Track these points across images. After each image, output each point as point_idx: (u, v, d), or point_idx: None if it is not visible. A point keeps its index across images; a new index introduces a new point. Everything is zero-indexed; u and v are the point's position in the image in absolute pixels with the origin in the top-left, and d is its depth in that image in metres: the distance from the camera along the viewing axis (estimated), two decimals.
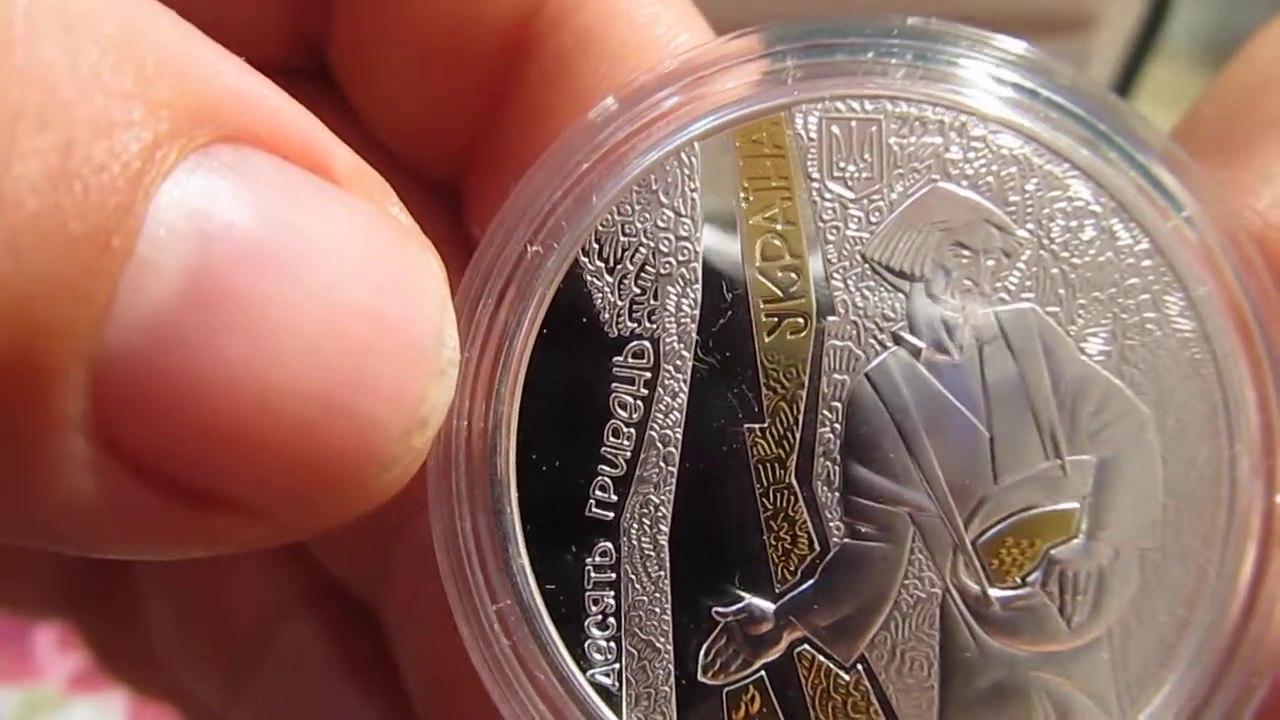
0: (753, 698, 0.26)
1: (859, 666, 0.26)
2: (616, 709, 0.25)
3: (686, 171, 0.27)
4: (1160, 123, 0.35)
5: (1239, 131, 0.30)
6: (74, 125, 0.19)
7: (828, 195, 0.27)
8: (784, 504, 0.26)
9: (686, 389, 0.26)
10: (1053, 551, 0.27)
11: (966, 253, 0.27)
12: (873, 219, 0.27)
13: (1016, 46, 0.28)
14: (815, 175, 0.27)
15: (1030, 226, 0.27)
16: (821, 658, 0.26)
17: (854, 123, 0.27)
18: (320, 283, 0.21)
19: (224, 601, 0.38)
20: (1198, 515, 0.27)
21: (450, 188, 0.34)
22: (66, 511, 0.20)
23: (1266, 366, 0.27)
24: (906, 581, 0.26)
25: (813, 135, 0.27)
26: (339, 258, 0.22)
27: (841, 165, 0.27)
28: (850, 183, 0.27)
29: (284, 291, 0.21)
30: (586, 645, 0.25)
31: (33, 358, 0.19)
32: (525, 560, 0.25)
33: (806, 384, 0.26)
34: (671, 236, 0.26)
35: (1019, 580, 0.26)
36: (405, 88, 0.32)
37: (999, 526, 0.27)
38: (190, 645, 0.38)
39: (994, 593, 0.26)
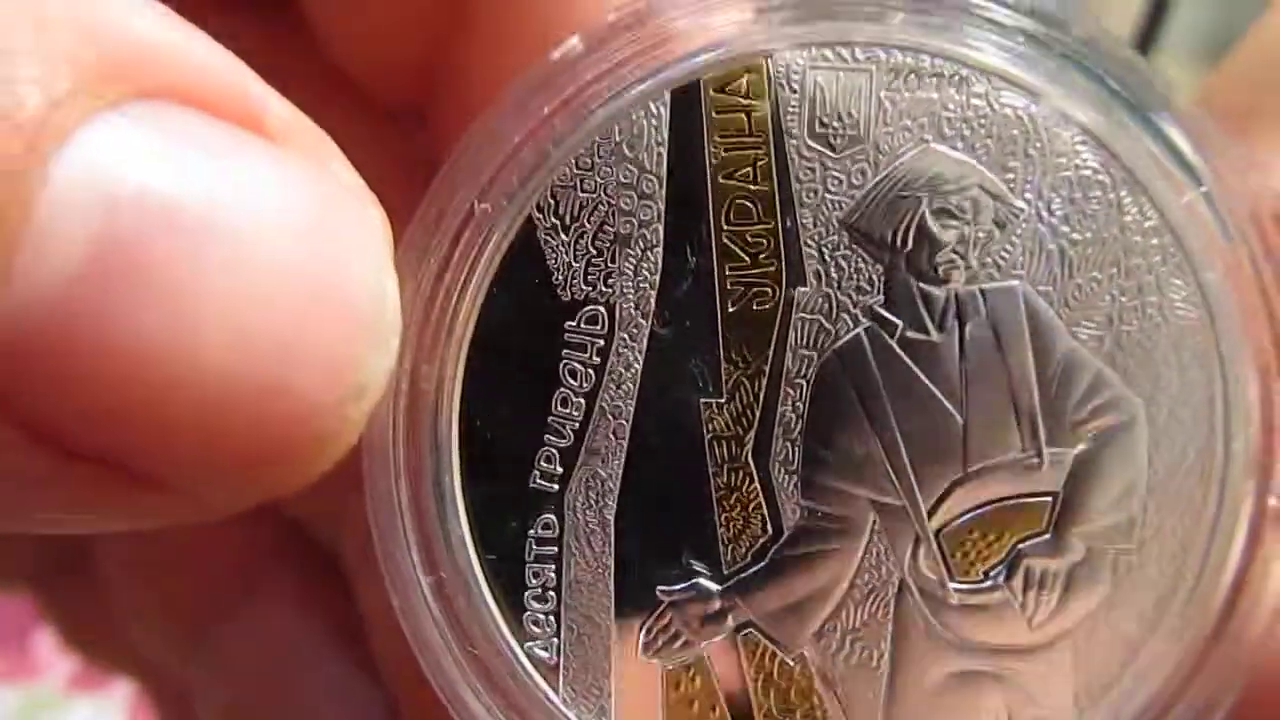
0: (693, 677, 0.25)
1: (805, 653, 0.25)
2: (553, 683, 0.25)
3: (654, 123, 0.24)
4: None
5: (1252, 109, 0.27)
6: None
7: (807, 153, 0.25)
8: (738, 484, 0.25)
9: (641, 359, 0.25)
10: (1020, 546, 0.25)
11: (955, 223, 0.25)
12: (855, 181, 0.25)
13: None
14: (795, 131, 0.25)
15: (1029, 196, 0.25)
16: (766, 642, 0.25)
17: (841, 73, 0.25)
18: (243, 247, 0.20)
19: (187, 557, 0.37)
20: (1181, 516, 0.25)
21: (414, 113, 0.32)
22: None
23: (1274, 362, 0.25)
24: (862, 569, 0.25)
25: (795, 86, 0.25)
26: (266, 219, 0.20)
27: (825, 120, 0.25)
28: (833, 140, 0.25)
29: (201, 258, 0.19)
30: (525, 618, 0.25)
31: None
32: (465, 530, 0.25)
33: (770, 359, 0.25)
34: (634, 194, 0.25)
35: (982, 574, 0.25)
36: (364, 7, 0.29)
37: (965, 517, 0.25)
38: (152, 604, 0.38)
39: (953, 585, 0.25)
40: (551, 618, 0.25)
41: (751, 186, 0.25)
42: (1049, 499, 0.25)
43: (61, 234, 0.18)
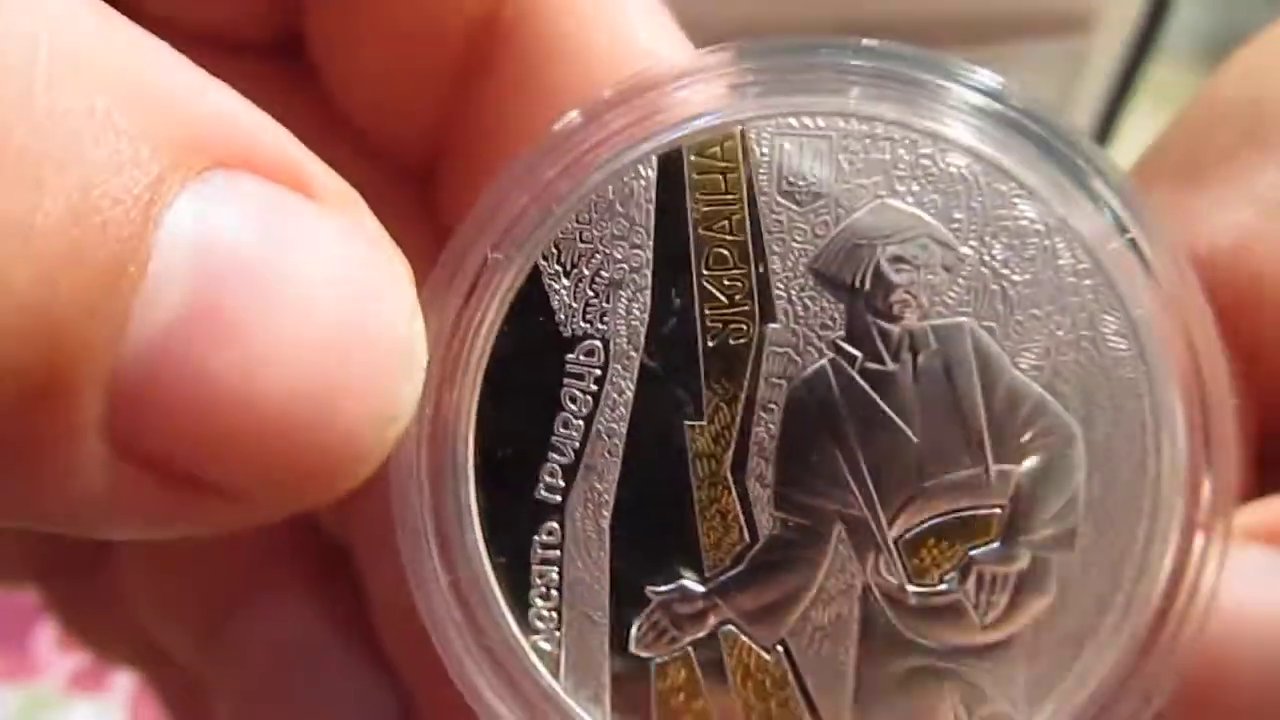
0: (679, 670, 0.28)
1: (779, 648, 0.28)
2: (554, 672, 0.28)
3: (643, 184, 0.28)
4: (1159, 122, 0.35)
5: (1196, 159, 0.30)
6: (92, 166, 0.21)
7: (776, 209, 0.28)
8: (718, 497, 0.28)
9: (633, 387, 0.28)
10: (972, 553, 0.28)
11: (907, 267, 0.28)
12: (818, 232, 0.28)
13: (970, 69, 0.28)
14: (765, 189, 0.28)
15: (973, 243, 0.28)
16: (745, 638, 0.28)
17: (805, 139, 0.28)
18: (301, 298, 0.23)
19: (206, 548, 0.40)
20: (1117, 527, 0.28)
21: (422, 169, 0.36)
22: (77, 501, 0.23)
23: (1196, 392, 0.28)
24: (830, 574, 0.28)
25: (765, 150, 0.28)
26: (319, 274, 0.24)
27: (791, 180, 0.28)
28: (799, 197, 0.28)
29: (270, 310, 0.23)
30: (530, 614, 0.28)
31: (62, 375, 0.21)
32: (478, 536, 0.28)
33: (746, 387, 0.28)
34: (626, 245, 0.28)
35: (937, 579, 0.28)
36: (375, 68, 0.33)
37: (921, 527, 0.28)
38: (170, 595, 0.41)
39: (912, 588, 0.28)
40: (554, 614, 0.28)
41: (728, 237, 0.28)
42: (997, 511, 0.28)
43: (164, 295, 0.22)
